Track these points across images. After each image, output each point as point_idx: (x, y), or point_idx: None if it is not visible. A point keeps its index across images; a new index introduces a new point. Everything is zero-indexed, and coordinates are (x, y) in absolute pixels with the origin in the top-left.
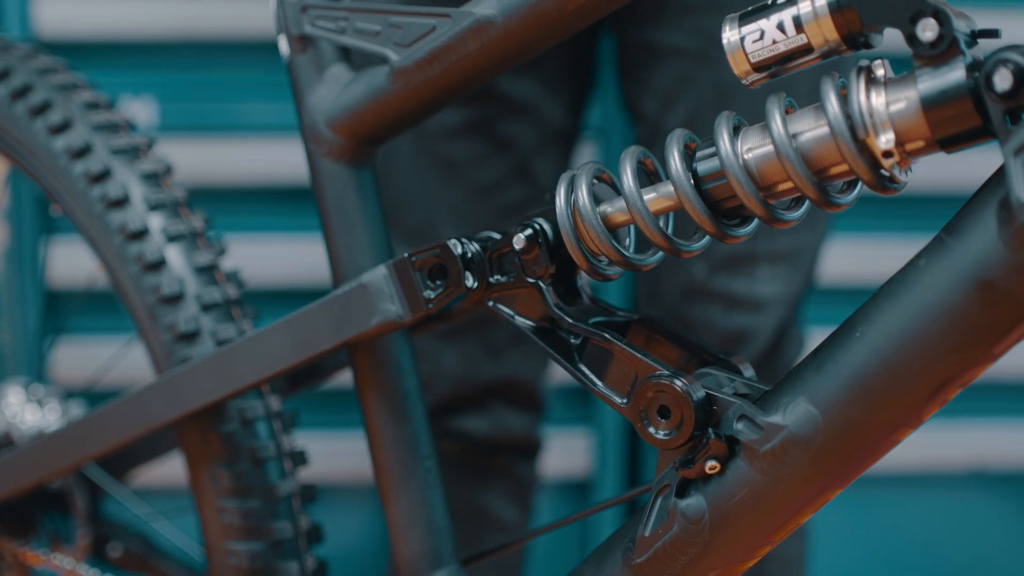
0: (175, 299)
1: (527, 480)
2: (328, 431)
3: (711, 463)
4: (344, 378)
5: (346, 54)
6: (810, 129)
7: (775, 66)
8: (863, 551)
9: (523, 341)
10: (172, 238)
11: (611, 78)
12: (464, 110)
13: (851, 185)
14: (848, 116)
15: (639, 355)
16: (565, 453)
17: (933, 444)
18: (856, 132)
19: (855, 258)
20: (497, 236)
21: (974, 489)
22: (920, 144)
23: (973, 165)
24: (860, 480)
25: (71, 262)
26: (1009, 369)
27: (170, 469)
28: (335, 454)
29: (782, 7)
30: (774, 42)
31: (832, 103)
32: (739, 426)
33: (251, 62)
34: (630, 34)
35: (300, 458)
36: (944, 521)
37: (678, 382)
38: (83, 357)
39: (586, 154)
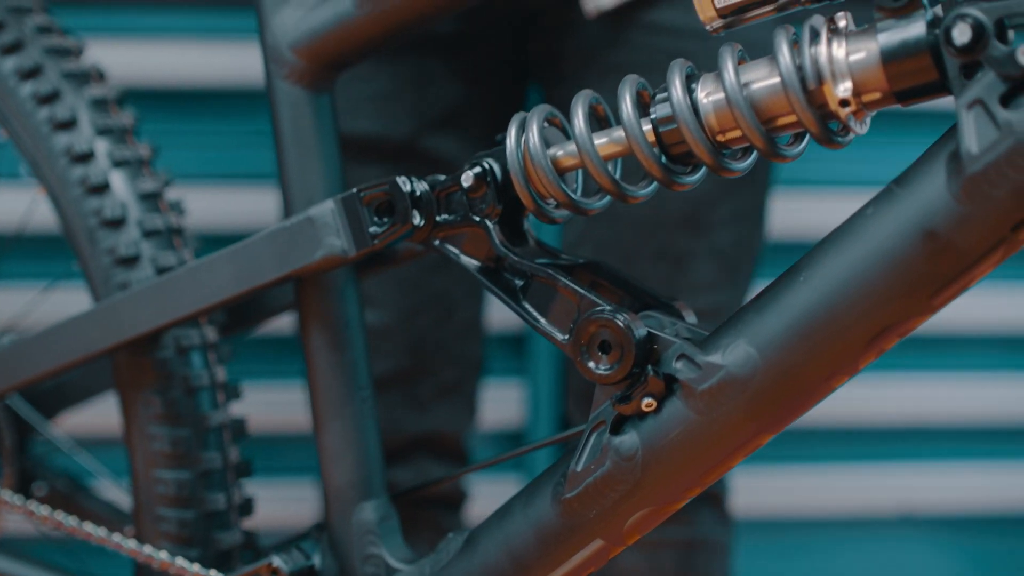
0: (117, 223)
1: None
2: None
3: (648, 400)
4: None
5: None
6: (762, 79)
7: (736, 14)
8: None
9: (448, 395)
10: (117, 163)
11: None
12: (385, 167)
13: (799, 138)
14: (799, 67)
15: (583, 291)
16: (499, 404)
17: (863, 489)
18: (807, 83)
19: None
20: (445, 176)
21: (904, 533)
22: (877, 96)
23: None
24: (791, 524)
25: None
26: (937, 414)
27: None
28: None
29: None
30: None
31: (784, 54)
32: (678, 365)
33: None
34: (555, 91)
35: (233, 391)
36: (874, 566)
37: (620, 317)
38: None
39: None
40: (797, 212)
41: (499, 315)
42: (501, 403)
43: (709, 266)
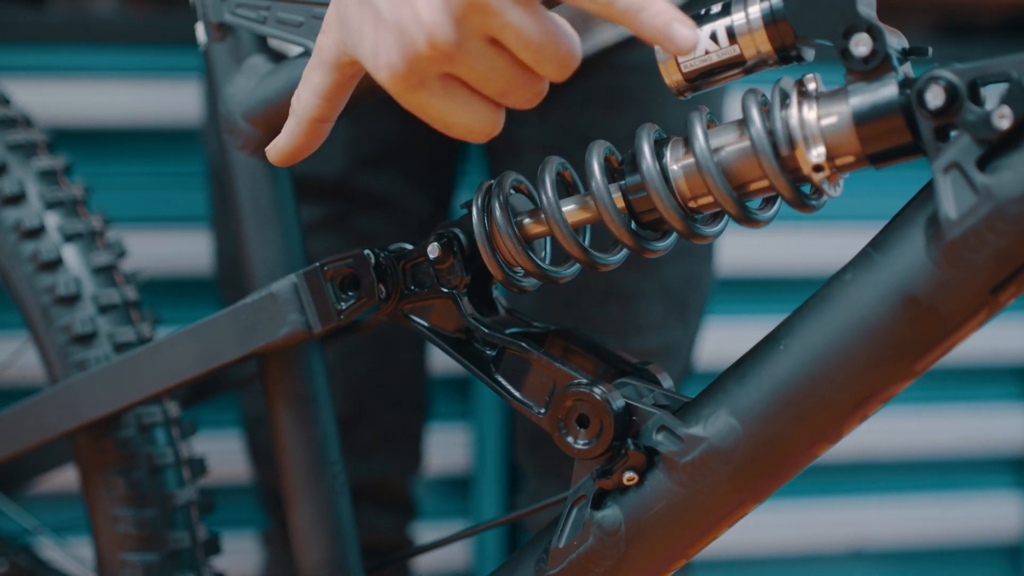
0: (71, 299)
1: None
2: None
3: (629, 474)
4: None
5: (265, 44)
6: (732, 144)
7: (703, 77)
8: None
9: (391, 440)
10: (69, 237)
11: (483, 168)
12: (320, 206)
13: (770, 202)
14: (770, 132)
15: (557, 364)
16: (444, 448)
17: (812, 524)
18: (778, 148)
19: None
20: (411, 247)
21: (854, 568)
22: (850, 159)
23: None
24: (742, 562)
25: None
26: (885, 447)
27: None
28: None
29: (716, 17)
30: (706, 52)
31: (755, 118)
32: (659, 437)
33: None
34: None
35: (199, 466)
36: None
37: (597, 390)
38: None
39: None
40: (746, 247)
41: (443, 357)
42: (446, 448)
43: (658, 304)
